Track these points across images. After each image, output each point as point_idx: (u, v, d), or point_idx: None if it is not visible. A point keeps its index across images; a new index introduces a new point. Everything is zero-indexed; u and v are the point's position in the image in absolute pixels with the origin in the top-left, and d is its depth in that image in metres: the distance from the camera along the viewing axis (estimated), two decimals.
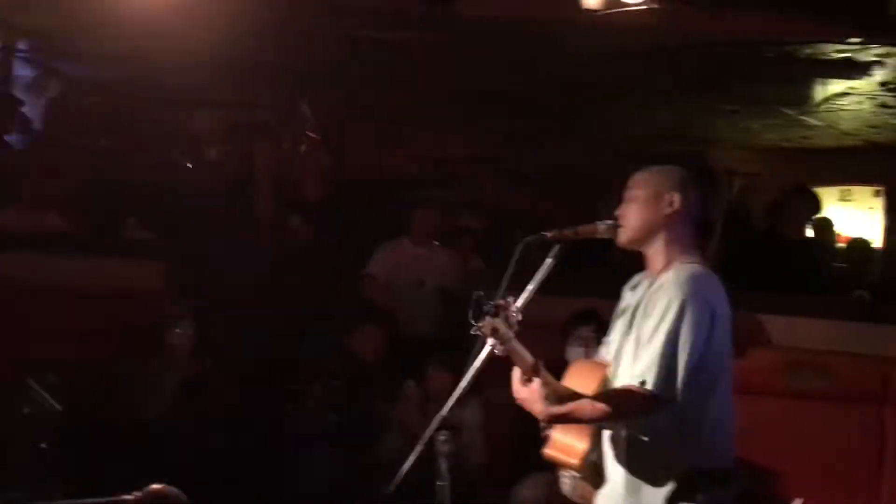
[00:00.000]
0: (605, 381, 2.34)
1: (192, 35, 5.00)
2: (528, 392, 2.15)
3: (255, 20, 4.89)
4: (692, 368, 2.14)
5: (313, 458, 4.02)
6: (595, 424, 2.28)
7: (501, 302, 2.11)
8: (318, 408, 4.10)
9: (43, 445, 3.52)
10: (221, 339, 4.25)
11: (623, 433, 2.26)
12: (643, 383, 2.13)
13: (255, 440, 4.11)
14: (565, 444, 2.31)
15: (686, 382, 2.13)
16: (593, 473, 2.33)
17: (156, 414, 3.92)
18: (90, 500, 1.72)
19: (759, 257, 4.63)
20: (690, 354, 2.14)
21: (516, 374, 2.19)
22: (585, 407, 2.17)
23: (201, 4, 4.63)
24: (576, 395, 2.21)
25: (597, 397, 2.21)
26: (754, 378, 3.87)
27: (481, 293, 2.11)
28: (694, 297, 2.16)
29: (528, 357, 2.14)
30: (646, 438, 2.22)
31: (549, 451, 2.34)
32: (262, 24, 4.91)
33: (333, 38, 5.04)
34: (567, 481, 2.36)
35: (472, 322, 2.11)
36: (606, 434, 2.32)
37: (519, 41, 4.72)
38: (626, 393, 2.17)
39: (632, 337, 2.27)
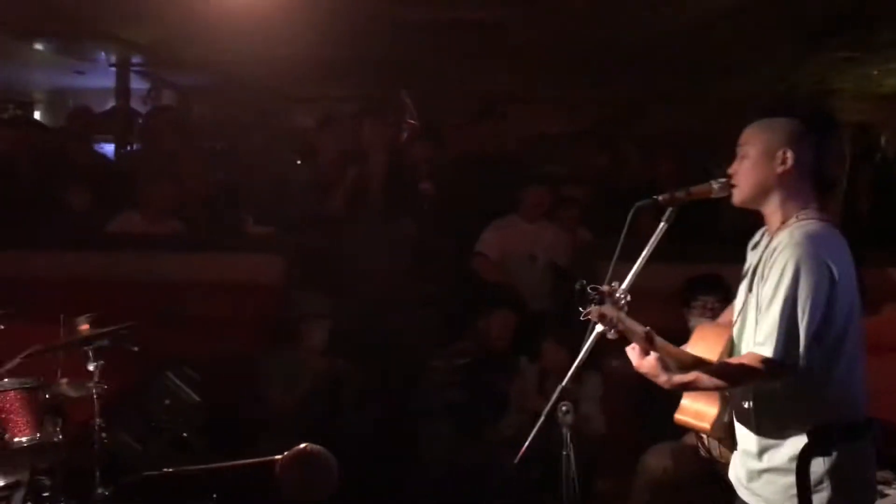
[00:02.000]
0: (730, 343, 2.30)
1: (289, 36, 5.17)
2: (648, 364, 2.14)
3: (351, 14, 4.99)
4: (814, 331, 2.09)
5: (438, 432, 4.11)
6: (720, 391, 2.24)
7: (605, 289, 2.10)
8: (442, 383, 4.18)
9: (185, 435, 3.73)
10: (353, 331, 4.37)
11: (749, 396, 2.22)
12: (765, 350, 2.10)
13: (383, 415, 4.23)
14: (696, 410, 2.30)
15: (808, 346, 2.08)
16: (728, 436, 2.31)
17: (290, 409, 4.07)
18: (241, 462, 1.81)
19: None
20: (811, 317, 2.08)
21: (634, 348, 2.18)
22: (707, 375, 2.16)
23: (297, 6, 4.77)
24: (698, 362, 2.19)
25: (720, 365, 2.19)
26: (890, 335, 3.70)
27: (584, 281, 2.10)
28: (810, 257, 2.10)
29: (641, 330, 2.12)
30: (772, 400, 2.19)
31: (680, 417, 2.33)
32: (359, 18, 5.01)
33: (428, 24, 5.08)
34: (709, 444, 2.36)
35: (581, 310, 2.11)
36: (734, 398, 2.29)
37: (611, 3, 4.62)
38: (749, 360, 2.13)
39: (752, 300, 2.22)
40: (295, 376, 4.09)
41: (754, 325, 2.19)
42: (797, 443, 2.16)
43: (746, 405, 2.24)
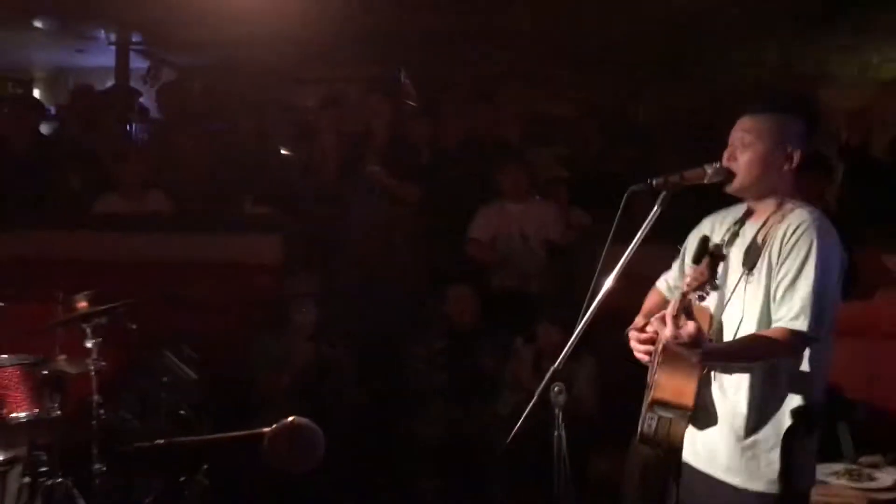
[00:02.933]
0: (712, 321, 2.31)
1: (289, 15, 5.15)
2: (688, 333, 2.12)
3: None
4: (831, 308, 2.17)
5: (428, 414, 4.14)
6: (745, 364, 2.25)
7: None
8: (425, 368, 4.20)
9: (182, 412, 3.77)
10: (341, 314, 4.41)
11: (745, 373, 2.24)
12: (799, 324, 2.14)
13: (372, 398, 4.26)
14: (675, 387, 2.29)
15: (829, 322, 2.17)
16: (702, 414, 2.31)
17: (279, 392, 4.10)
18: (230, 434, 1.84)
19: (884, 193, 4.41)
20: (832, 295, 2.17)
21: (668, 315, 2.17)
22: (744, 347, 2.21)
23: None
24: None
25: (752, 338, 2.21)
26: (883, 320, 3.71)
27: (708, 235, 2.14)
28: (831, 238, 2.20)
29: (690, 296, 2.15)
30: (768, 378, 2.22)
31: (658, 395, 2.32)
32: None
33: (429, 4, 5.06)
34: (654, 422, 2.35)
35: (694, 263, 2.15)
36: (726, 375, 2.29)
37: None
38: (782, 334, 2.17)
39: (757, 278, 2.23)
40: (282, 361, 4.13)
41: (761, 304, 2.21)
42: (782, 420, 2.21)
43: (739, 382, 2.26)
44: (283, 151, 5.34)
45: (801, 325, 2.14)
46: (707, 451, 2.33)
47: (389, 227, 4.80)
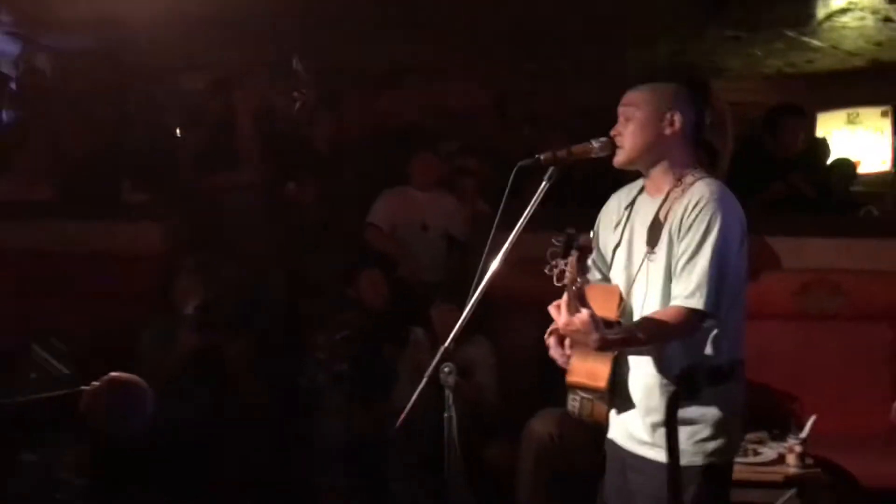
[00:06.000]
0: (622, 301, 2.30)
1: None
2: (581, 321, 2.09)
3: None
4: (730, 284, 2.16)
5: (328, 408, 4.02)
6: (646, 346, 2.24)
7: (583, 240, 2.09)
8: (326, 359, 4.08)
9: None
10: (229, 301, 4.23)
11: (654, 351, 2.24)
12: (694, 302, 2.13)
13: (269, 395, 4.12)
14: (588, 369, 2.28)
15: (727, 297, 2.15)
16: (616, 395, 2.31)
17: (162, 379, 3.89)
18: (43, 395, 1.68)
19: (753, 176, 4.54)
20: (731, 270, 2.16)
21: (559, 305, 2.15)
22: (641, 331, 2.18)
23: None
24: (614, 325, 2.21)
25: (648, 321, 2.20)
26: (767, 302, 3.83)
27: (573, 231, 2.08)
28: (730, 211, 2.18)
29: (576, 287, 2.10)
30: (677, 351, 2.22)
31: (573, 378, 2.31)
32: None
33: None
34: (577, 403, 2.33)
35: (556, 259, 2.08)
36: (635, 356, 2.29)
37: None
38: (677, 313, 2.16)
39: (659, 255, 2.22)
40: (167, 345, 3.92)
41: (662, 281, 2.21)
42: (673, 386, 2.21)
43: (649, 360, 2.25)
44: (168, 136, 5.09)
45: (697, 302, 2.13)
46: (629, 429, 2.33)
47: (278, 222, 4.63)
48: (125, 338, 4.01)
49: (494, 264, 2.23)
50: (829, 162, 5.76)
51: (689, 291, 2.14)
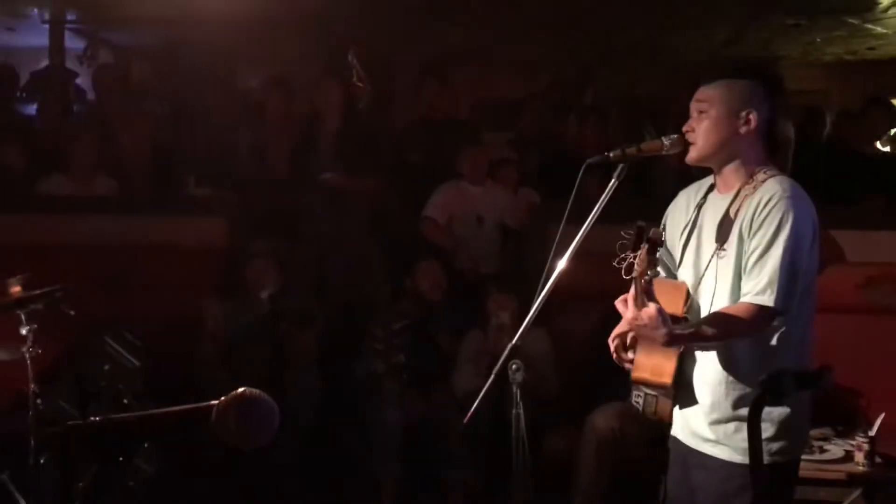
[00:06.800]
0: (689, 298, 2.30)
1: None
2: (648, 316, 2.10)
3: None
4: (801, 282, 2.15)
5: (385, 396, 4.06)
6: (715, 342, 2.23)
7: (654, 234, 2.08)
8: (384, 349, 4.13)
9: (126, 401, 3.63)
10: (296, 285, 4.31)
11: (722, 347, 2.23)
12: (765, 299, 2.12)
13: (330, 382, 4.18)
14: (654, 365, 2.28)
15: (797, 295, 2.14)
16: (680, 392, 2.30)
17: (222, 353, 3.95)
18: (175, 408, 1.74)
19: (829, 171, 4.46)
20: (802, 268, 2.15)
21: (626, 300, 2.16)
22: (709, 326, 2.17)
23: None
24: (681, 321, 2.20)
25: (717, 316, 2.19)
26: (832, 295, 3.76)
27: (643, 223, 2.08)
28: (801, 208, 2.16)
29: (649, 275, 2.10)
30: (748, 350, 2.21)
31: (637, 374, 2.31)
32: None
33: None
34: (641, 400, 2.33)
35: (625, 252, 2.09)
36: (701, 352, 2.28)
37: None
38: (747, 310, 2.14)
39: (729, 252, 2.21)
40: (237, 324, 4.00)
41: (732, 278, 2.19)
42: (754, 390, 2.16)
43: (716, 357, 2.24)
44: (230, 133, 5.17)
45: (767, 299, 2.12)
46: (692, 426, 2.32)
47: (343, 214, 4.68)
48: (194, 328, 4.11)
49: (562, 262, 2.24)
50: None
51: (759, 288, 2.13)
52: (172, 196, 4.81)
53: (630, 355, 2.32)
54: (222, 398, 1.68)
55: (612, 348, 2.35)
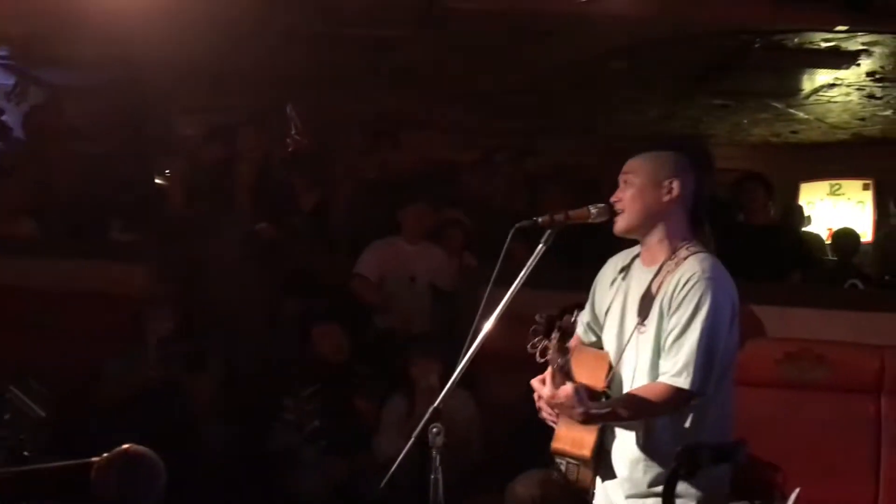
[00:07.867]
0: (611, 370, 2.31)
1: (171, 39, 4.95)
2: (565, 395, 2.12)
3: (237, 21, 4.84)
4: (718, 362, 2.17)
5: (304, 466, 3.94)
6: (630, 421, 2.25)
7: (564, 322, 2.12)
8: (296, 419, 4.00)
9: (26, 453, 3.43)
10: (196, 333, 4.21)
11: (641, 424, 2.25)
12: (681, 381, 2.14)
13: (244, 453, 4.04)
14: (574, 438, 2.29)
15: (714, 376, 2.16)
16: (599, 463, 2.31)
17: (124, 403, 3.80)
18: (53, 464, 1.62)
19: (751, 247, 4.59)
20: (720, 348, 2.16)
21: (545, 379, 2.18)
22: (625, 407, 2.18)
23: (182, 7, 4.57)
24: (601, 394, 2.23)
25: (632, 397, 2.20)
26: (751, 369, 3.82)
27: (554, 313, 2.13)
28: (721, 289, 2.19)
29: (561, 361, 2.13)
30: (664, 428, 2.22)
31: (557, 445, 2.32)
32: (246, 25, 4.86)
33: (320, 38, 4.99)
34: (563, 466, 2.33)
35: (538, 336, 2.13)
36: (617, 428, 2.29)
37: (506, 36, 4.69)
38: (663, 391, 2.16)
39: (649, 328, 2.23)
40: (129, 375, 3.87)
41: (651, 354, 2.21)
42: (669, 464, 2.20)
43: (637, 434, 2.25)
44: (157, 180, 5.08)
45: (683, 382, 2.14)
46: (612, 498, 2.32)
47: (247, 268, 4.60)
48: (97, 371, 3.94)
49: (488, 324, 2.23)
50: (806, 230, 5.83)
51: (676, 370, 2.15)
52: (94, 240, 4.67)
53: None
54: (103, 455, 1.56)
55: (539, 406, 2.33)
